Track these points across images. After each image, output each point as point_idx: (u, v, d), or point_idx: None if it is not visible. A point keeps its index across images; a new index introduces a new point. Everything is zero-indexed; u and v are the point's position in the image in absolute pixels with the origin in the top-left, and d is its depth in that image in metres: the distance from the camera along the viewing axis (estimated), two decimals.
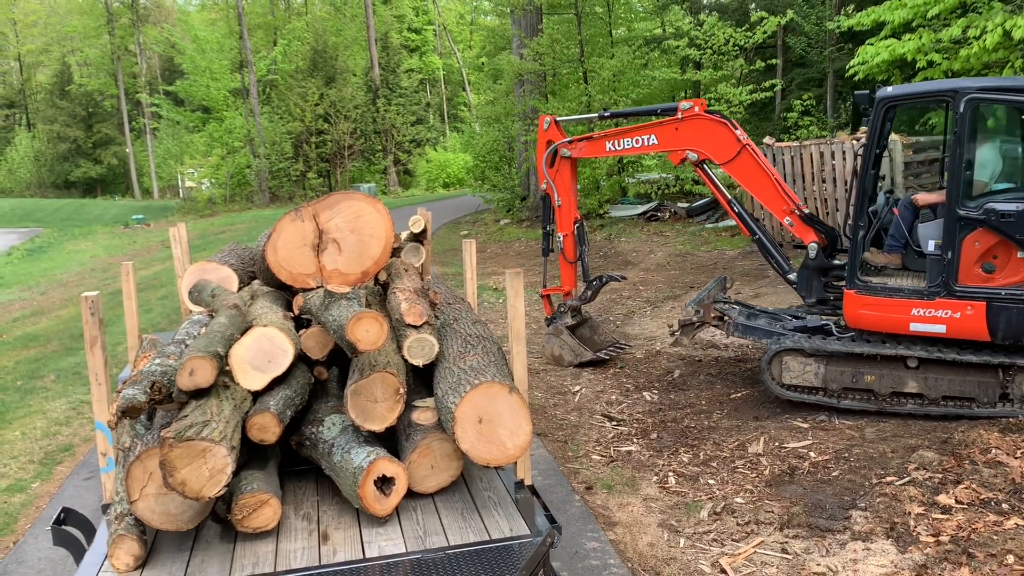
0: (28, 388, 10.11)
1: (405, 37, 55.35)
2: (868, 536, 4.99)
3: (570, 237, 9.40)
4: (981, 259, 6.50)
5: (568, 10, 22.38)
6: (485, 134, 25.47)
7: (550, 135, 9.41)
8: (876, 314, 6.88)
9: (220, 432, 3.11)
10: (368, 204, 3.95)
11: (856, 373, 6.97)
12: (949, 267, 6.51)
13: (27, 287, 19.93)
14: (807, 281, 7.80)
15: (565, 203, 9.39)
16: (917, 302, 6.65)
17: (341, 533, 3.43)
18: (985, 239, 6.44)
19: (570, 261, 9.47)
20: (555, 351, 9.38)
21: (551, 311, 9.71)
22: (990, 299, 6.39)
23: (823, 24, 19.32)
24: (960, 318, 6.49)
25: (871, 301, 6.88)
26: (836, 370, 7.01)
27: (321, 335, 3.84)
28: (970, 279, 6.49)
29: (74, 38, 59.11)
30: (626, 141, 8.82)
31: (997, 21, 10.68)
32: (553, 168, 9.39)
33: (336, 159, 41.43)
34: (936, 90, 7.08)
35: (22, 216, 40.95)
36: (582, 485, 6.28)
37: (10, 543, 6.08)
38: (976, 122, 6.49)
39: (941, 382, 6.71)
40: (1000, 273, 6.45)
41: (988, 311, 6.39)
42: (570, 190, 9.47)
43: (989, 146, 7.03)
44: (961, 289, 6.48)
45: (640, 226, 19.08)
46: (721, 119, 8.19)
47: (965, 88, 6.35)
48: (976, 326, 6.45)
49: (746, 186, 8.15)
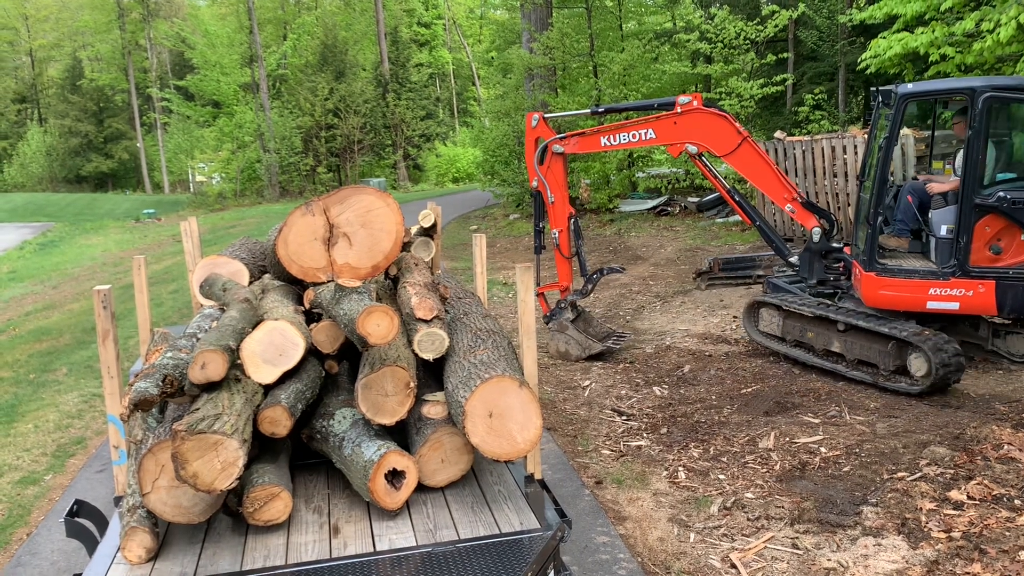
0: (41, 381, 10.17)
1: (415, 31, 55.33)
2: (879, 532, 4.97)
3: (565, 232, 9.40)
4: (990, 242, 7.21)
5: (578, 4, 22.32)
6: (495, 129, 25.41)
7: (538, 132, 9.43)
8: (895, 294, 7.51)
9: (232, 425, 3.13)
10: (378, 198, 3.95)
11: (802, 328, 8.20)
12: (964, 250, 7.18)
13: (39, 281, 20.04)
14: (809, 263, 8.57)
15: (558, 199, 9.37)
16: (933, 282, 7.32)
17: (352, 526, 3.44)
18: (995, 224, 7.15)
19: (566, 256, 9.47)
20: (561, 347, 9.38)
21: (547, 309, 9.73)
22: (999, 278, 7.12)
23: (835, 18, 19.19)
24: (973, 296, 7.19)
25: (890, 282, 7.52)
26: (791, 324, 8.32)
27: (332, 329, 3.85)
28: (981, 260, 7.20)
29: (85, 33, 59.34)
30: (622, 136, 8.90)
31: (1011, 14, 10.58)
32: (544, 165, 9.37)
33: (346, 154, 41.47)
34: (955, 88, 7.70)
35: (34, 211, 41.14)
36: (592, 479, 6.28)
37: (24, 535, 6.12)
38: (991, 119, 7.12)
39: (855, 347, 7.66)
40: (1006, 254, 7.18)
41: (997, 288, 7.11)
42: (563, 186, 9.47)
43: (991, 140, 7.45)
44: (975, 269, 7.17)
45: (650, 221, 19.04)
46: (719, 112, 8.41)
47: (983, 87, 7.04)
48: (987, 302, 7.17)
49: (748, 177, 8.43)
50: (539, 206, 9.61)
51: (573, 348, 9.27)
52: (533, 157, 9.42)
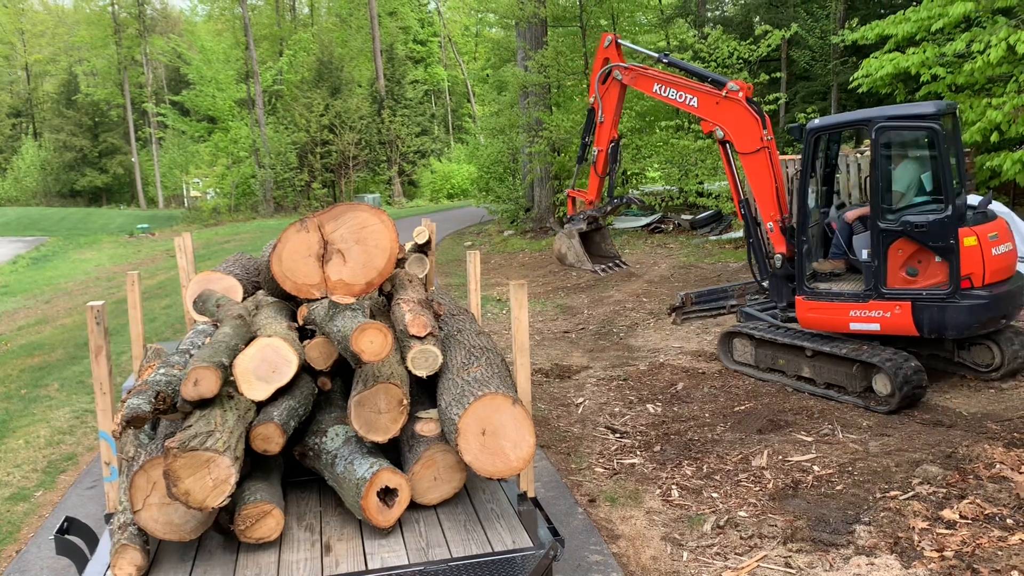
0: (32, 397, 10.12)
1: (410, 49, 55.63)
2: (872, 551, 4.97)
3: (603, 153, 10.36)
4: (905, 264, 7.43)
5: (573, 23, 22.47)
6: (489, 145, 25.55)
7: (608, 53, 10.41)
8: (822, 316, 7.92)
9: (224, 442, 3.12)
10: (373, 215, 3.96)
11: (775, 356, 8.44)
12: (878, 273, 7.45)
13: (32, 295, 19.99)
14: (777, 287, 8.73)
15: (607, 121, 10.37)
16: (854, 304, 7.64)
17: (344, 544, 3.43)
18: (907, 247, 7.37)
19: (599, 175, 10.39)
20: (563, 249, 10.28)
21: (572, 212, 10.80)
22: (914, 299, 7.29)
23: (827, 38, 19.37)
24: (891, 317, 7.41)
25: (817, 305, 7.94)
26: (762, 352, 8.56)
27: (325, 346, 3.85)
28: (896, 282, 7.43)
29: (81, 48, 59.48)
30: (672, 91, 9.43)
31: (1001, 36, 10.71)
32: (604, 85, 10.31)
33: (341, 169, 41.56)
34: (854, 120, 8.08)
35: (28, 225, 41.11)
36: (585, 497, 6.27)
37: (13, 552, 6.08)
38: (888, 146, 7.53)
39: (824, 370, 7.92)
40: (921, 276, 7.37)
41: (913, 309, 7.28)
42: (614, 110, 10.36)
43: (907, 164, 7.87)
44: (889, 291, 7.41)
45: (644, 238, 19.10)
46: (756, 113, 8.59)
47: (877, 118, 7.43)
48: (905, 323, 7.34)
49: (751, 182, 8.66)
50: (590, 121, 10.66)
51: (571, 256, 10.13)
52: (597, 74, 10.37)
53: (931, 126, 7.23)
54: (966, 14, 11.41)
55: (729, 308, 11.28)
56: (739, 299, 10.75)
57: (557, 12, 22.22)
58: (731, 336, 8.96)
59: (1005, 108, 11.12)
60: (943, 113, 7.25)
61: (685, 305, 11.20)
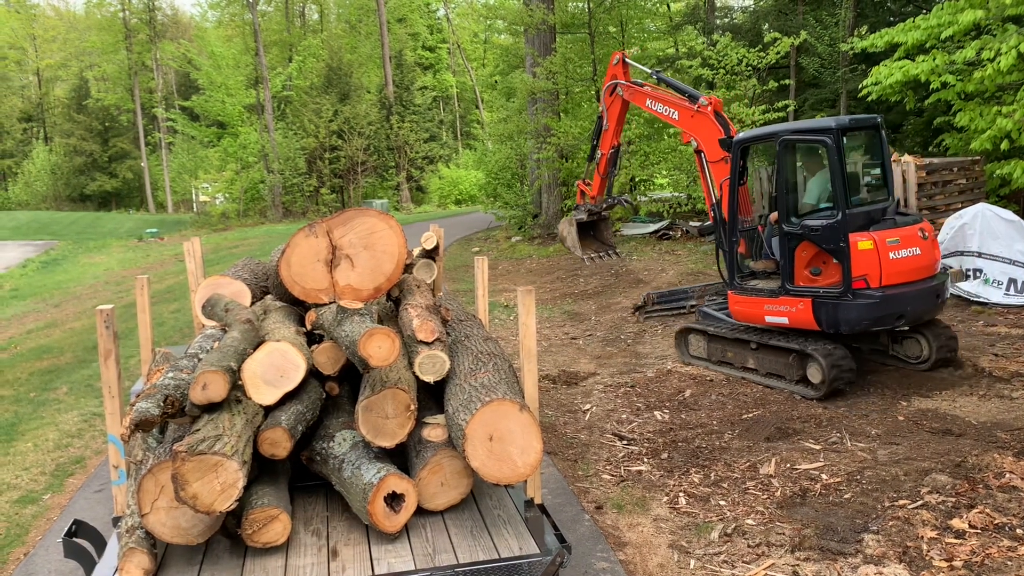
0: (41, 400, 10.16)
1: (419, 55, 55.78)
2: (880, 560, 4.94)
3: (605, 157, 12.93)
4: (810, 264, 8.17)
5: (581, 29, 22.50)
6: (498, 151, 25.56)
7: (616, 71, 12.28)
8: (745, 310, 8.73)
9: (232, 446, 3.13)
10: (381, 220, 3.97)
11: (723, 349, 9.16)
12: (786, 271, 8.22)
13: (42, 299, 20.08)
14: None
15: (610, 129, 12.56)
16: (769, 300, 8.41)
17: (350, 549, 3.43)
18: (810, 249, 8.09)
19: (600, 175, 13.26)
20: (564, 233, 13.85)
21: (580, 201, 14.07)
22: (814, 296, 7.96)
23: (836, 45, 19.32)
24: (796, 312, 8.12)
25: (742, 299, 8.77)
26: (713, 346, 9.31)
27: (333, 350, 3.85)
28: (801, 280, 8.16)
29: (92, 53, 59.82)
30: (660, 105, 10.64)
31: (1012, 43, 10.68)
32: (611, 97, 12.25)
33: (349, 175, 41.67)
34: (766, 134, 8.85)
35: (38, 229, 41.30)
36: (592, 504, 6.25)
37: (21, 555, 6.09)
38: (790, 157, 8.31)
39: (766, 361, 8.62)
40: (824, 275, 8.07)
41: (813, 306, 7.94)
42: (616, 120, 12.56)
43: (819, 175, 8.45)
44: (794, 289, 8.15)
45: (652, 244, 19.06)
46: (721, 126, 9.43)
47: (781, 132, 8.31)
48: (807, 318, 8.03)
49: (718, 187, 9.39)
50: (599, 125, 12.97)
51: (568, 241, 12.85)
52: (606, 85, 12.42)
53: (824, 140, 7.86)
54: (976, 22, 11.40)
55: (689, 308, 12.03)
56: (699, 299, 11.58)
57: (566, 19, 22.26)
58: (686, 333, 9.78)
59: (1015, 116, 11.09)
60: (842, 128, 7.83)
61: (647, 304, 12.14)
